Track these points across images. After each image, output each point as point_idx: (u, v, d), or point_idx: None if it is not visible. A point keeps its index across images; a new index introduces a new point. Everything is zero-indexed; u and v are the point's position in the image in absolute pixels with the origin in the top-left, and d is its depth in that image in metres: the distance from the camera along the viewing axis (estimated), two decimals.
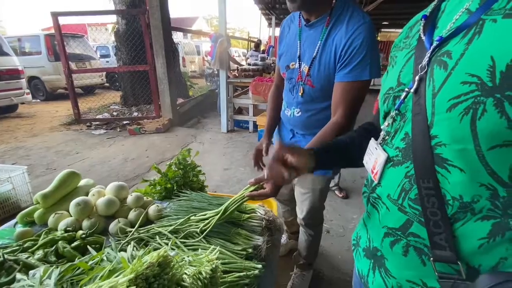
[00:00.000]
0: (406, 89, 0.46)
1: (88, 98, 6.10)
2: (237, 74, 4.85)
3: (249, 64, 5.37)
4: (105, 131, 4.39)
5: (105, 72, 8.31)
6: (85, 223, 0.99)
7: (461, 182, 0.38)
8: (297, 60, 0.97)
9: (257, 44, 7.04)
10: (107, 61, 9.33)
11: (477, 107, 0.34)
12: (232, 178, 2.87)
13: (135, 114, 5.08)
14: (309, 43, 0.93)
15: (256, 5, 10.28)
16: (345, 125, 0.88)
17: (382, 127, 0.53)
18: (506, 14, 0.34)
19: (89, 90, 8.12)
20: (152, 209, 1.08)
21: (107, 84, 8.99)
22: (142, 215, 1.04)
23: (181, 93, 6.04)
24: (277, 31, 13.81)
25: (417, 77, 0.43)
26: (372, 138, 0.57)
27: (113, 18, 5.45)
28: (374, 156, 0.53)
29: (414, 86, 0.43)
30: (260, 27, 12.36)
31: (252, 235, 0.93)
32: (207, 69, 9.42)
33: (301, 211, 1.25)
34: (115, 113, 5.19)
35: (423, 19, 0.49)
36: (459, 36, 0.39)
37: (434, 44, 0.42)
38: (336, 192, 2.57)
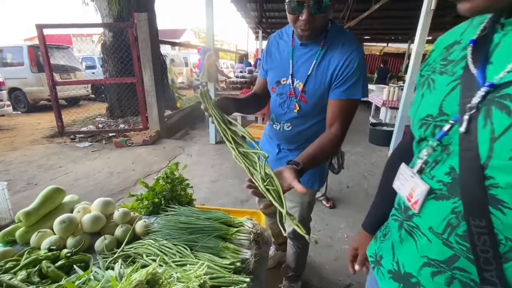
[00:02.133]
0: (451, 121, 0.45)
1: (73, 110, 5.96)
2: (225, 86, 4.91)
3: (237, 77, 5.46)
4: (90, 143, 4.29)
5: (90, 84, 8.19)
6: (70, 241, 0.97)
7: None
8: (290, 77, 1.02)
9: (242, 57, 7.20)
10: (93, 73, 9.20)
11: None
12: (221, 190, 2.87)
13: (122, 126, 5.00)
14: (303, 61, 0.99)
15: (243, 19, 10.53)
16: (341, 137, 0.96)
17: (419, 154, 0.52)
18: None
19: (73, 102, 7.95)
20: (139, 225, 1.07)
21: (92, 96, 8.84)
22: (130, 232, 1.03)
23: (169, 105, 6.02)
24: (264, 44, 14.08)
25: (466, 116, 0.42)
26: (404, 164, 0.56)
27: (99, 29, 5.43)
28: (409, 184, 0.52)
29: (464, 125, 0.42)
30: (247, 40, 12.60)
31: (240, 249, 0.94)
32: (195, 80, 9.45)
33: (289, 225, 1.28)
34: (100, 125, 5.10)
35: (471, 45, 0.46)
36: None
37: (488, 84, 0.40)
38: (323, 202, 2.61)
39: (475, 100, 0.41)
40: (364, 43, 15.66)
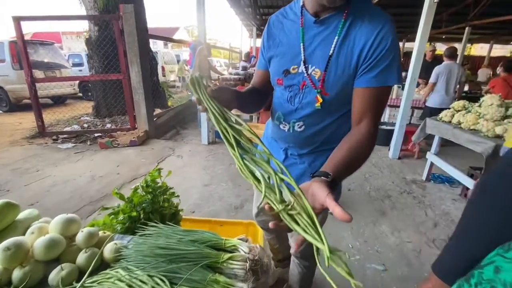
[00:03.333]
0: None
1: (58, 109, 5.66)
2: (218, 84, 4.69)
3: (230, 74, 5.24)
4: (73, 145, 4.02)
5: (77, 81, 7.84)
6: (17, 273, 0.76)
7: None
8: (302, 63, 0.80)
9: (248, 55, 7.06)
10: (80, 70, 8.82)
11: None
12: (213, 195, 2.65)
13: (108, 125, 4.74)
14: (319, 42, 0.78)
15: (237, 15, 10.32)
16: (375, 134, 0.74)
17: None
18: None
19: (60, 100, 7.61)
20: (108, 249, 0.86)
21: (80, 94, 8.49)
22: (96, 258, 0.82)
23: (159, 103, 5.77)
24: (258, 42, 13.92)
25: None
26: None
27: (87, 24, 5.13)
28: None
29: None
30: (241, 38, 12.41)
31: (233, 282, 0.74)
32: (187, 78, 9.20)
33: (293, 240, 1.08)
34: (86, 125, 4.82)
35: None
36: None
37: None
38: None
39: None
40: None
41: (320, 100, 0.80)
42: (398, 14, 8.06)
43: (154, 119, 4.59)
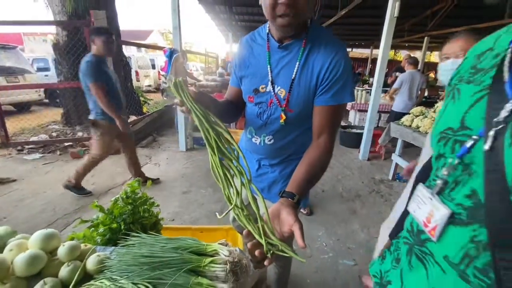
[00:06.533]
0: (474, 137, 0.40)
1: (23, 117, 5.30)
2: (195, 90, 4.70)
3: (207, 80, 5.27)
4: (41, 155, 3.81)
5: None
6: None
7: None
8: (269, 83, 0.90)
9: (224, 62, 7.04)
10: (46, 75, 8.32)
11: None
12: (193, 202, 2.68)
13: (80, 134, 4.55)
14: (283, 65, 0.88)
15: (213, 21, 10.35)
16: (332, 147, 0.87)
17: (438, 173, 0.47)
18: None
19: (23, 108, 7.13)
20: (91, 261, 0.89)
21: (46, 100, 8.02)
22: (79, 271, 0.85)
23: (134, 110, 5.63)
24: (234, 47, 14.04)
25: (492, 132, 0.37)
26: (421, 184, 0.51)
27: (53, 27, 4.88)
28: (427, 207, 0.46)
29: (489, 142, 0.37)
30: (218, 43, 12.42)
31: (215, 284, 0.81)
32: (163, 83, 9.04)
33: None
34: (54, 134, 4.59)
35: (511, 47, 0.40)
36: None
37: None
38: (301, 209, 2.56)
39: (503, 114, 0.36)
40: None
41: (284, 117, 0.91)
42: (364, 24, 8.59)
43: (130, 126, 4.48)
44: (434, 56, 19.76)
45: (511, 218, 0.34)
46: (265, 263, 0.63)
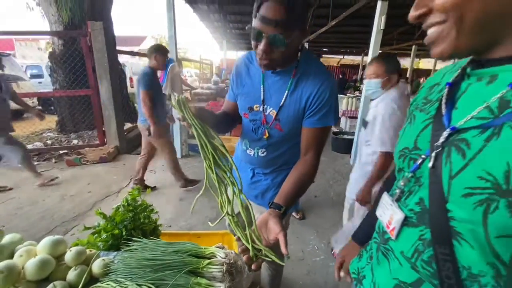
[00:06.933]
0: (423, 156, 0.49)
1: (16, 124, 5.26)
2: (189, 98, 4.79)
3: (202, 88, 5.37)
4: (36, 163, 3.82)
5: None
6: None
7: (470, 256, 0.42)
8: (261, 103, 1.00)
9: (219, 69, 7.14)
10: (40, 82, 8.30)
11: (490, 203, 0.37)
12: (188, 209, 2.74)
13: (75, 142, 4.57)
14: (275, 89, 0.98)
15: (207, 28, 10.49)
16: (317, 164, 0.98)
17: (397, 184, 0.56)
18: None
19: (16, 115, 7.09)
20: (96, 265, 0.96)
21: (39, 107, 7.98)
22: (85, 274, 0.92)
23: (129, 117, 5.67)
24: (229, 54, 14.20)
25: (433, 154, 0.46)
26: (386, 192, 0.60)
27: (44, 28, 4.87)
28: (389, 212, 0.55)
29: (431, 162, 0.46)
30: (212, 50, 12.54)
31: (212, 283, 0.89)
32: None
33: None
34: (49, 142, 4.60)
35: (447, 87, 0.50)
36: (478, 130, 0.41)
37: (451, 127, 0.44)
38: (293, 213, 2.64)
39: (441, 139, 0.45)
40: (323, 55, 16.66)
41: (267, 134, 1.02)
42: (355, 32, 8.84)
43: (125, 134, 4.53)
44: (422, 63, 20.34)
45: (446, 221, 0.43)
46: (252, 267, 0.72)
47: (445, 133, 0.45)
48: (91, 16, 4.45)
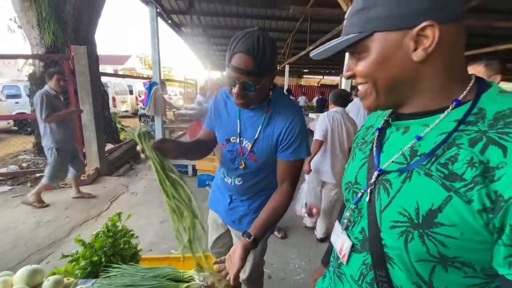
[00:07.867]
0: (362, 190, 0.56)
1: None
2: (173, 119, 4.84)
3: (186, 109, 5.44)
4: (10, 187, 3.67)
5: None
6: None
7: (400, 277, 0.49)
8: (238, 136, 1.08)
9: (203, 89, 7.33)
10: (17, 103, 8.07)
11: (408, 234, 0.45)
12: (170, 232, 2.71)
13: None
14: (250, 124, 1.07)
15: (191, 50, 10.74)
16: (293, 192, 1.07)
17: (345, 214, 0.62)
18: (426, 173, 0.44)
19: None
20: None
21: (15, 128, 7.70)
22: None
23: (111, 138, 5.61)
24: (213, 73, 14.49)
25: (368, 190, 0.53)
26: (337, 221, 0.67)
27: (25, 50, 4.83)
28: (340, 239, 0.62)
29: (368, 197, 0.53)
30: (196, 69, 12.76)
31: None
32: (141, 109, 9.04)
33: (243, 272, 1.29)
34: (25, 164, 4.44)
35: (377, 132, 0.58)
36: (397, 173, 0.49)
37: (379, 169, 0.52)
38: (275, 233, 2.68)
39: (373, 178, 0.53)
40: (304, 76, 17.40)
41: (243, 165, 1.10)
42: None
43: (106, 155, 4.47)
44: None
45: (381, 248, 0.50)
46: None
47: (376, 173, 0.53)
48: (74, 39, 4.49)
